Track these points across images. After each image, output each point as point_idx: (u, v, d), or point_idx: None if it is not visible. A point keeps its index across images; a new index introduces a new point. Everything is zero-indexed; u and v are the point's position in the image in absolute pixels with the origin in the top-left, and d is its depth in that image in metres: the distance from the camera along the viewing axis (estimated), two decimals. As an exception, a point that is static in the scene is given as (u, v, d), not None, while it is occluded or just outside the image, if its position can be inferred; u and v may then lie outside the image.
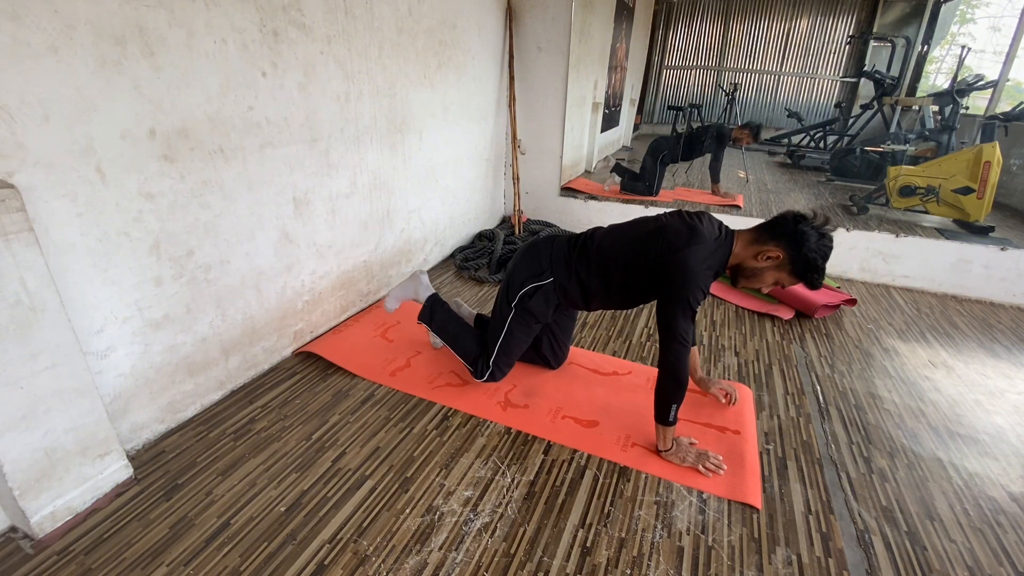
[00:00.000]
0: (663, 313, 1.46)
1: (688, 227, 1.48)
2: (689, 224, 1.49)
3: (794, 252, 1.40)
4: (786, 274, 1.46)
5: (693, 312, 1.43)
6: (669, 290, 1.45)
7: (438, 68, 2.68)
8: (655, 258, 1.48)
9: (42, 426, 1.21)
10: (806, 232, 1.39)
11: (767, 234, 1.46)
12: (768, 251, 1.44)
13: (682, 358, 1.43)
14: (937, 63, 4.31)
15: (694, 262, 1.41)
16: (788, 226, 1.42)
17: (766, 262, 1.45)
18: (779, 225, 1.44)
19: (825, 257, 1.40)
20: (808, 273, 1.42)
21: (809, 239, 1.39)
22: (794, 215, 1.43)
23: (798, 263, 1.41)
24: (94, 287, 1.34)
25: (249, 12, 1.60)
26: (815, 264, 1.40)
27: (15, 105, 1.12)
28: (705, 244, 1.44)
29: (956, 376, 2.16)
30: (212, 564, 1.20)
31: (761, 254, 1.45)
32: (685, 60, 4.90)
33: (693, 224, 1.49)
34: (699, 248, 1.43)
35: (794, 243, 1.40)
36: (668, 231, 1.49)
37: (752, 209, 3.70)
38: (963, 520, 1.43)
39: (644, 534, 1.33)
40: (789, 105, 4.72)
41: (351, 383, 1.91)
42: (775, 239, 1.44)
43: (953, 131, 3.81)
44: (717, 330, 2.45)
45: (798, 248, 1.39)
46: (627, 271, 1.56)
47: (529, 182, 3.72)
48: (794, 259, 1.41)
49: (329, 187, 2.09)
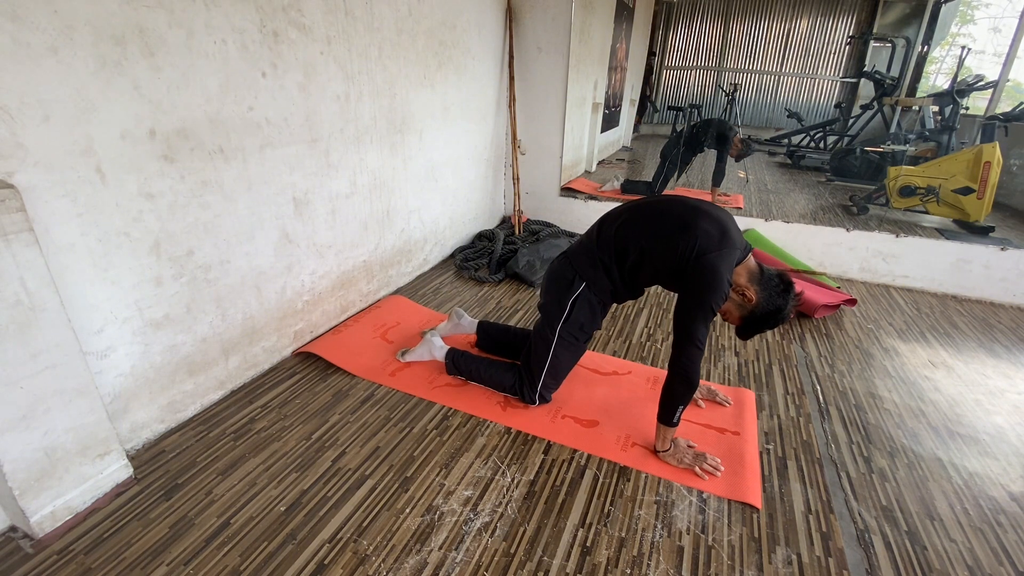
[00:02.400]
0: (684, 315, 1.44)
1: (720, 230, 1.45)
2: (721, 226, 1.46)
3: (764, 306, 1.47)
4: (738, 315, 1.52)
5: (713, 315, 1.43)
6: (694, 293, 1.42)
7: (438, 68, 2.68)
8: (681, 257, 1.44)
9: (42, 426, 1.21)
10: (786, 303, 1.47)
11: (758, 276, 1.48)
12: (748, 290, 1.46)
13: (696, 362, 1.43)
14: (937, 63, 4.31)
15: (723, 268, 1.40)
16: (778, 287, 1.47)
17: (739, 297, 1.48)
18: (773, 279, 1.48)
19: (774, 327, 1.53)
20: (753, 327, 1.52)
21: (783, 308, 1.47)
22: (788, 282, 1.49)
23: (758, 317, 1.49)
24: (94, 287, 1.34)
25: (249, 12, 1.60)
26: (765, 326, 1.51)
27: (15, 105, 1.12)
28: (734, 250, 1.43)
29: (956, 376, 2.16)
30: (212, 564, 1.20)
31: (742, 288, 1.47)
32: (685, 60, 4.90)
33: (724, 226, 1.46)
34: (729, 253, 1.42)
35: (770, 301, 1.46)
36: (698, 231, 1.42)
37: (752, 209, 3.70)
38: (963, 520, 1.43)
39: (644, 534, 1.33)
40: (789, 105, 4.72)
41: (351, 383, 1.91)
42: (761, 286, 1.47)
43: (953, 131, 3.81)
44: (717, 330, 2.45)
45: (768, 306, 1.46)
46: (643, 256, 1.52)
47: (529, 182, 3.72)
48: (758, 311, 1.48)
49: (329, 187, 2.09)
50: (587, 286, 1.62)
